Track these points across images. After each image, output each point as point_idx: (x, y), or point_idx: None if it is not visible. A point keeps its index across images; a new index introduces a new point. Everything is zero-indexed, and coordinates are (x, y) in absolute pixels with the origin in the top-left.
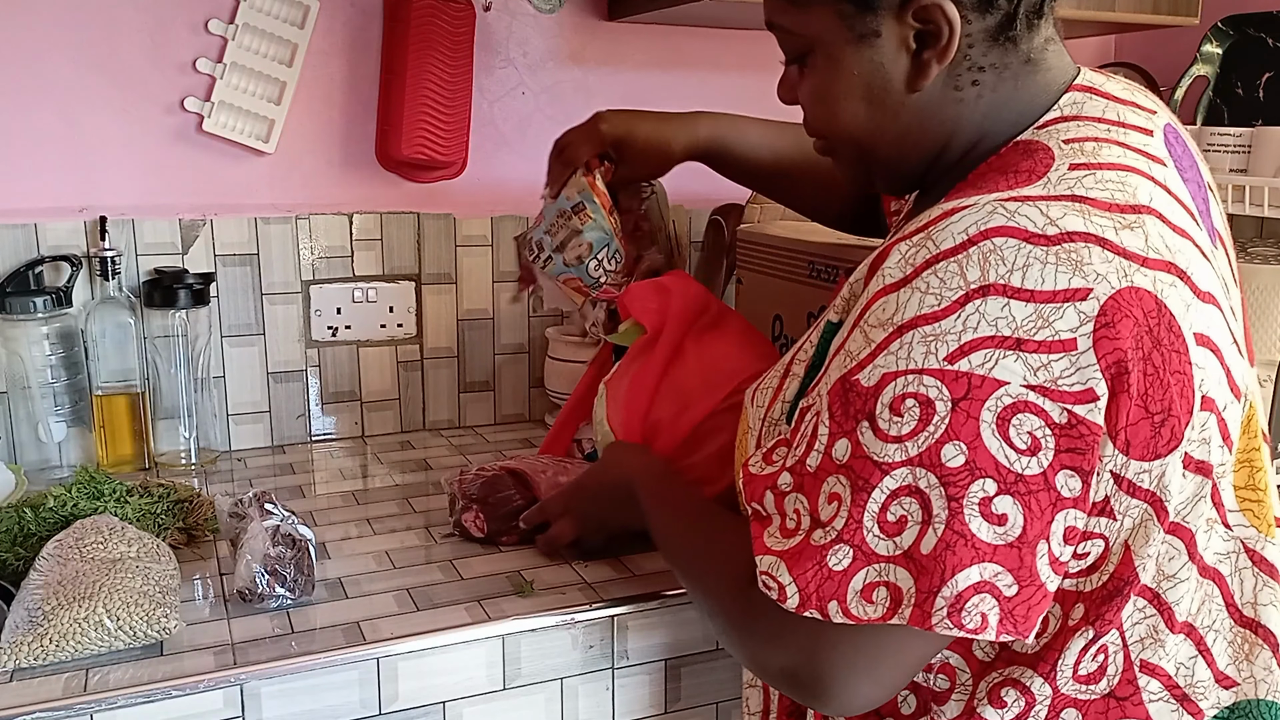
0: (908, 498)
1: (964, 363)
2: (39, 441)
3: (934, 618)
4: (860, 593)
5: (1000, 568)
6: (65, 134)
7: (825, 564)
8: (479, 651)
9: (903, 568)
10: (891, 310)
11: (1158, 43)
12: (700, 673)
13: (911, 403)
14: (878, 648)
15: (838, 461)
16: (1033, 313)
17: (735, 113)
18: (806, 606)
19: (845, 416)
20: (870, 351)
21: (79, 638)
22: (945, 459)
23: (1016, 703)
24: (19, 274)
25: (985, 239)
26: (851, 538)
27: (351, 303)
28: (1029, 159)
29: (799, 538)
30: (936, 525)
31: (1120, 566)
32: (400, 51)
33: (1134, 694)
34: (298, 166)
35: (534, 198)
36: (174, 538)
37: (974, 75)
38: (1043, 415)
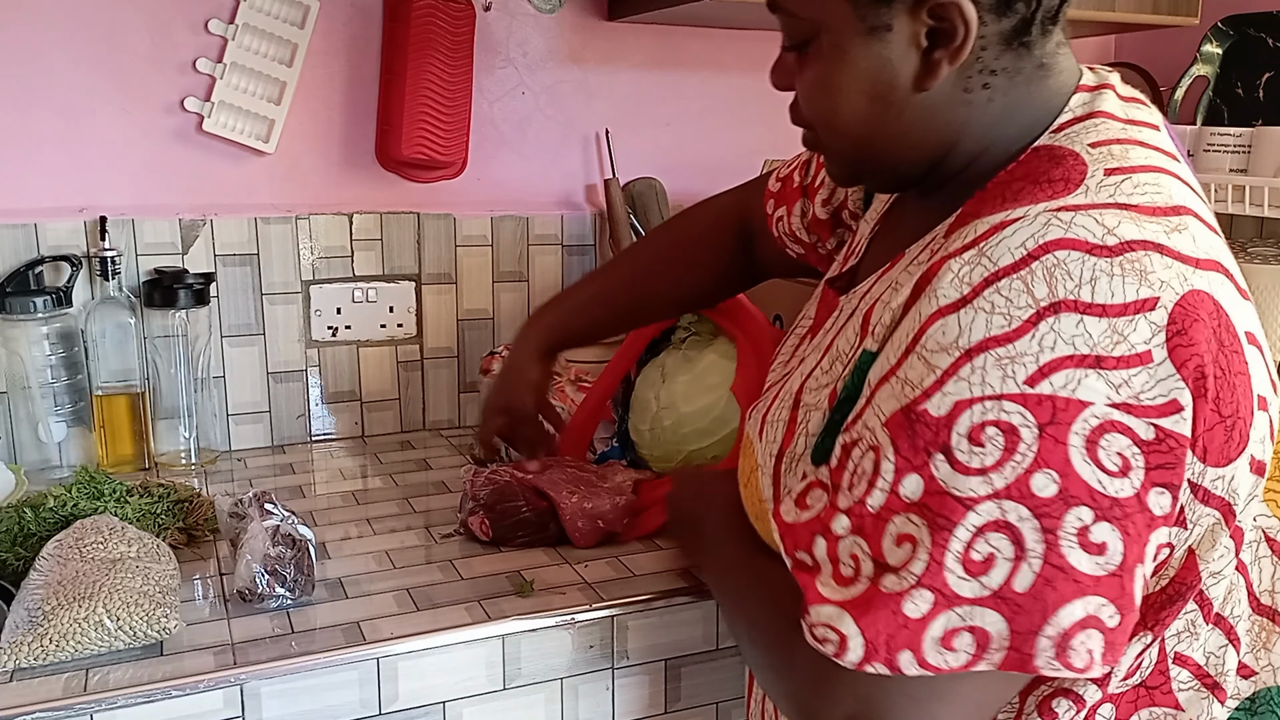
0: (996, 534)
1: (1045, 385)
2: (39, 441)
3: (1038, 659)
4: (939, 640)
5: (1103, 599)
6: (65, 134)
7: (900, 612)
8: (479, 651)
9: (992, 610)
10: (955, 333)
11: (1158, 43)
12: (700, 673)
13: (993, 431)
14: (950, 694)
15: (907, 500)
16: (1107, 328)
17: (558, 293)
18: (871, 660)
19: (913, 450)
20: (937, 379)
21: (79, 638)
22: (1036, 489)
23: (1068, 712)
24: (19, 274)
25: (1046, 253)
26: (931, 581)
27: (351, 303)
28: (1059, 166)
29: (861, 585)
30: (1032, 560)
31: (1182, 572)
32: (400, 51)
33: (1164, 683)
34: (298, 166)
35: (534, 197)
36: (174, 538)
37: (985, 79)
38: (1129, 434)
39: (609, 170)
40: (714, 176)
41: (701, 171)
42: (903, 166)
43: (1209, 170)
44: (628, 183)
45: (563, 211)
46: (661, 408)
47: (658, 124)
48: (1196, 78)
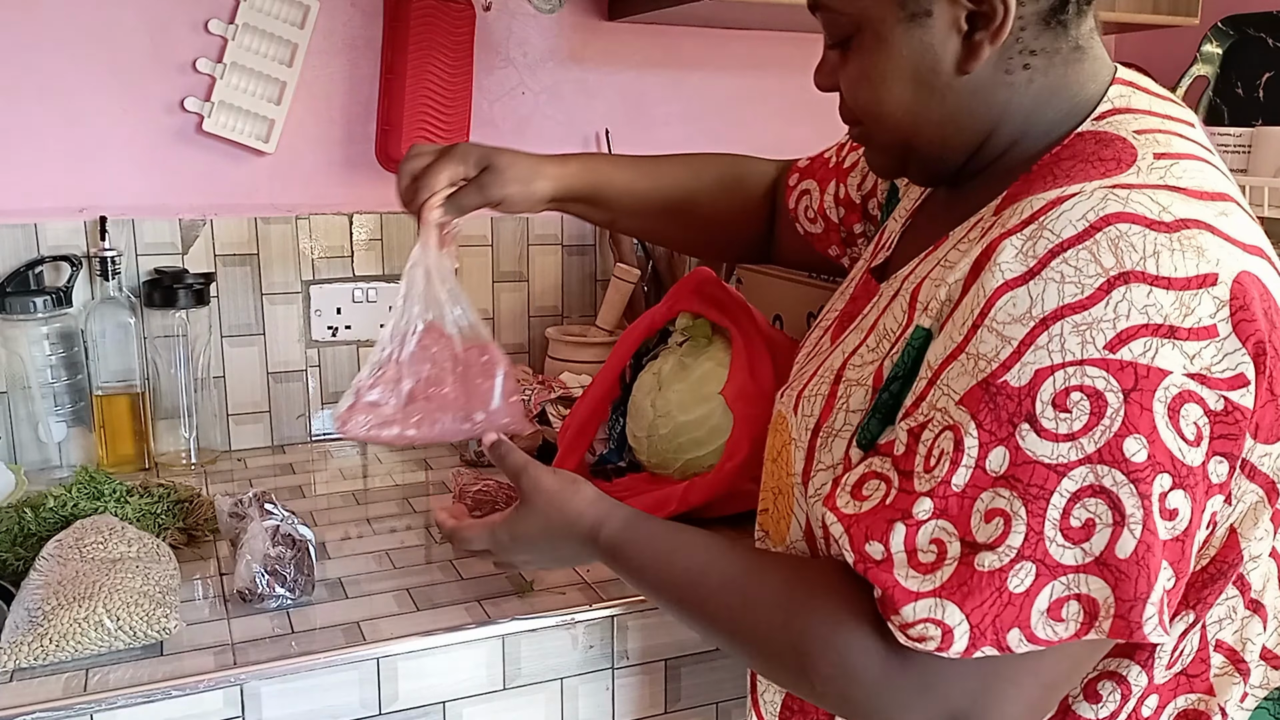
0: (1093, 499)
1: (1125, 351)
2: (39, 441)
3: (1146, 626)
4: (1046, 612)
5: (1168, 563)
6: (65, 134)
7: (1005, 589)
8: (479, 651)
9: (1096, 576)
10: (1027, 303)
11: (1158, 43)
12: (700, 673)
13: (1079, 396)
14: (1055, 667)
15: (994, 474)
16: (1175, 300)
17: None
18: (979, 645)
19: (997, 423)
20: (1014, 350)
21: (79, 638)
22: (1129, 453)
23: (1113, 696)
24: (19, 274)
25: (1108, 224)
26: (1033, 552)
27: (351, 303)
28: (1108, 148)
29: (949, 567)
30: (1133, 525)
31: (1224, 550)
32: (400, 51)
33: (1204, 671)
34: (298, 166)
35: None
36: (174, 538)
37: (1025, 59)
38: (1201, 404)
39: None
40: None
41: None
42: (947, 153)
43: None
44: None
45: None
46: (658, 415)
47: (658, 124)
48: (1196, 78)
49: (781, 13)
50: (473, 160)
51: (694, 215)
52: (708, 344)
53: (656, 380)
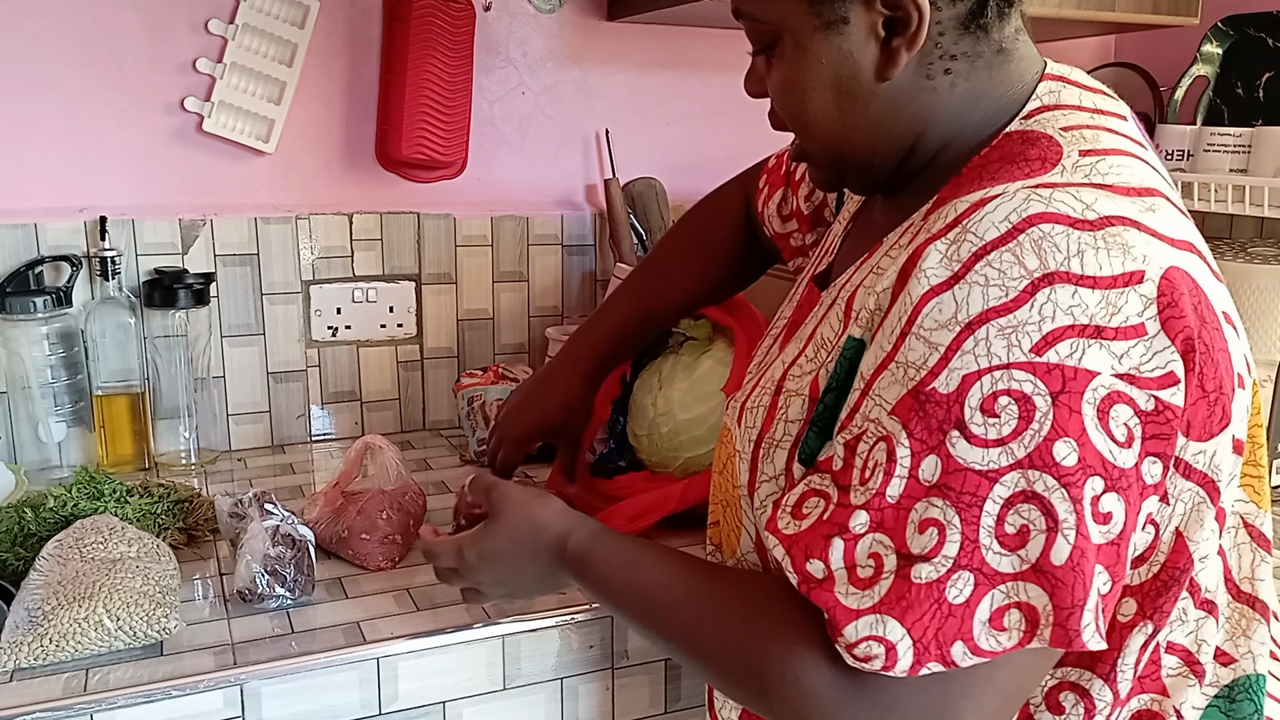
0: (1025, 504)
1: (1051, 354)
2: (39, 441)
3: (1084, 634)
4: (988, 623)
5: (1103, 567)
6: (65, 134)
7: (944, 600)
8: (479, 651)
9: (1034, 583)
10: (952, 309)
11: (1158, 43)
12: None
13: (1006, 400)
14: (1009, 678)
15: (927, 483)
16: (1101, 299)
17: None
18: (924, 661)
19: (927, 431)
20: (940, 356)
21: (79, 638)
22: (1059, 457)
23: (1076, 708)
24: (19, 274)
25: (1031, 225)
26: (969, 561)
27: (351, 303)
28: (1034, 147)
29: (886, 581)
30: (1066, 531)
31: (1173, 556)
32: (400, 51)
33: (1154, 671)
34: (298, 166)
35: (534, 197)
36: (174, 538)
37: (946, 64)
38: (1131, 404)
39: (609, 170)
40: (714, 176)
41: (701, 171)
42: (877, 159)
43: (1209, 170)
44: (628, 183)
45: (563, 211)
46: (659, 414)
47: (658, 124)
48: (1196, 78)
49: None
50: (525, 447)
51: (694, 299)
52: (709, 343)
53: (657, 379)
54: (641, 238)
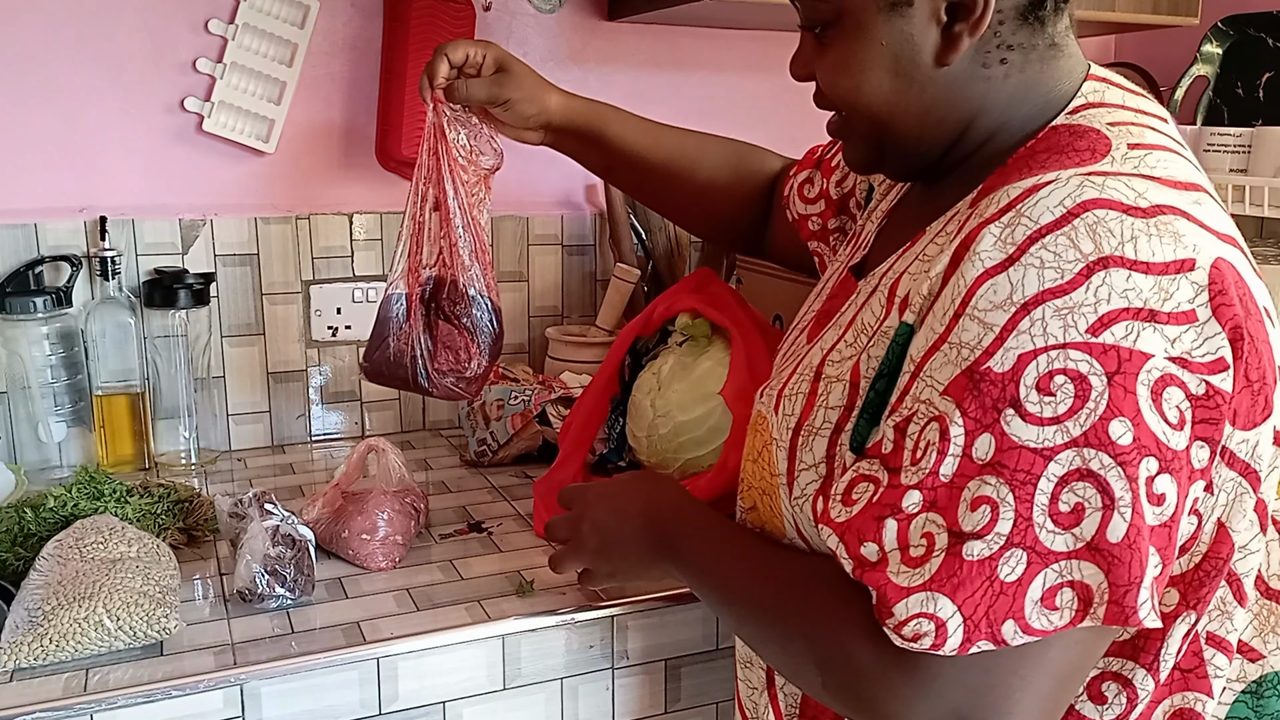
0: (1081, 483)
1: (1107, 335)
2: (39, 441)
3: (1141, 611)
4: (1040, 601)
5: (1155, 549)
6: (65, 134)
7: (995, 578)
8: (479, 651)
9: (1089, 561)
10: (1008, 290)
11: (1158, 43)
12: (700, 673)
13: (1062, 379)
14: (1062, 657)
15: (980, 461)
16: (1154, 285)
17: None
18: (974, 639)
19: (982, 410)
20: (996, 336)
21: (79, 638)
22: (1114, 436)
23: (1119, 698)
24: (19, 274)
25: (1085, 210)
26: (1023, 539)
27: (351, 303)
28: (1082, 139)
29: (938, 559)
30: (1122, 509)
31: (1215, 545)
32: (400, 51)
33: (1199, 666)
34: (298, 166)
35: (534, 197)
36: (174, 538)
37: (1002, 54)
38: (1183, 387)
39: None
40: None
41: None
42: (924, 145)
43: (1209, 170)
44: None
45: (563, 211)
46: (658, 415)
47: None
48: (1196, 78)
49: (781, 13)
50: (491, 55)
51: (690, 183)
52: (707, 344)
53: (656, 380)
54: (641, 238)
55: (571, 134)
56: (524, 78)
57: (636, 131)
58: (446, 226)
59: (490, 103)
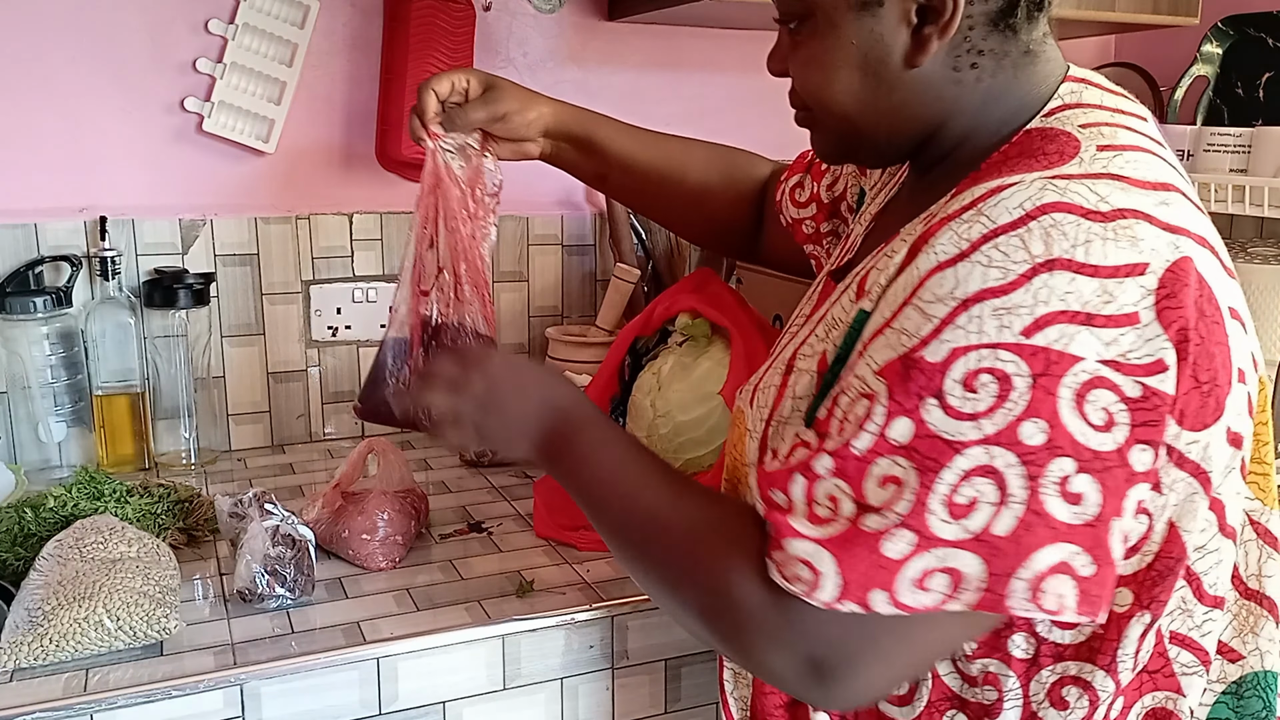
0: (981, 478)
1: (1040, 337)
2: (39, 441)
3: (1010, 600)
4: (914, 580)
5: (1077, 547)
6: (65, 134)
7: (879, 551)
8: (479, 651)
9: (970, 551)
10: (951, 285)
11: (1158, 43)
12: (700, 673)
13: (987, 378)
14: (913, 634)
15: (895, 442)
16: (1098, 288)
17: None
18: (844, 598)
19: (906, 395)
20: (934, 327)
21: (79, 638)
22: (1024, 437)
23: (1080, 702)
24: (19, 274)
25: (1043, 214)
26: (914, 522)
27: (351, 303)
28: (1053, 143)
29: (840, 525)
30: (1014, 505)
31: (1167, 545)
32: (400, 51)
33: (1165, 666)
34: (298, 166)
35: (534, 197)
36: (174, 538)
37: (973, 59)
38: (1116, 390)
39: None
40: None
41: None
42: (892, 142)
43: (1209, 170)
44: None
45: (563, 211)
46: (658, 415)
47: (658, 124)
48: (1196, 78)
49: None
50: (476, 78)
51: (681, 188)
52: (707, 344)
53: (656, 380)
54: (641, 238)
55: (567, 139)
56: (513, 90)
57: (627, 137)
58: (451, 267)
59: (489, 121)
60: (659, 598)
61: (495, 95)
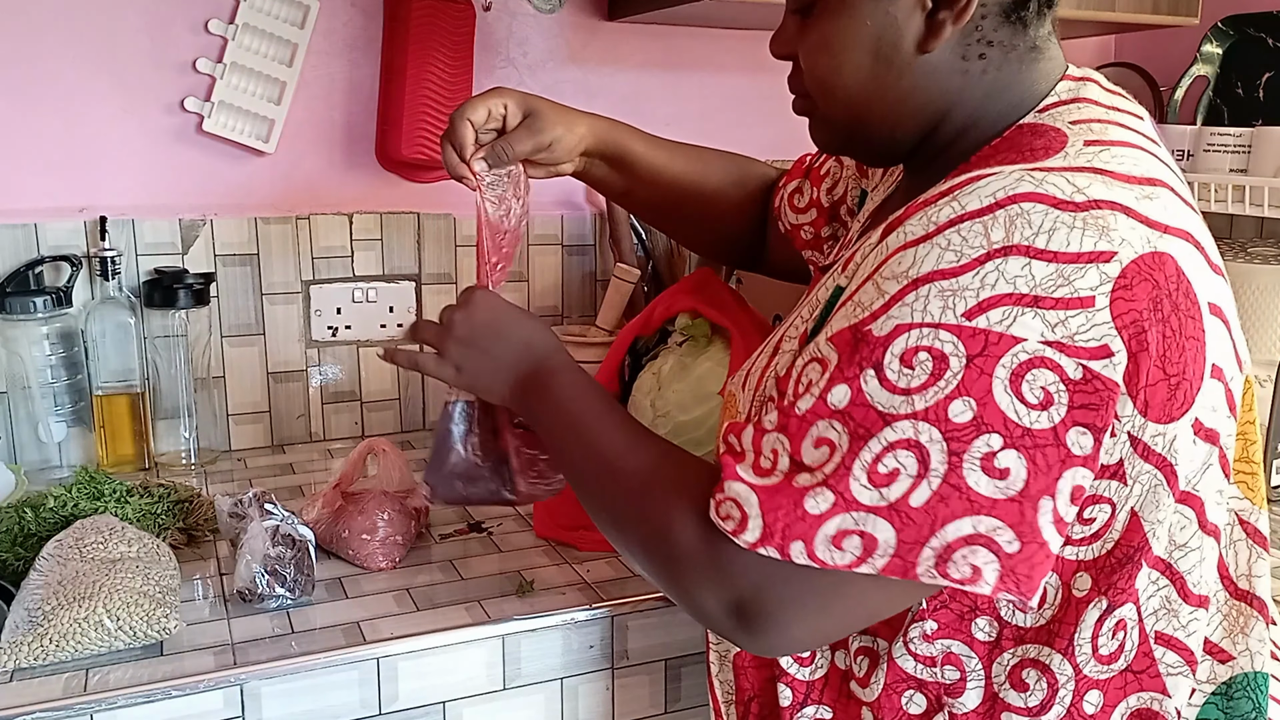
0: (905, 451)
1: (982, 319)
2: (39, 441)
3: (919, 567)
4: (831, 538)
5: (999, 522)
6: (65, 134)
7: (801, 505)
8: (479, 651)
9: (884, 519)
10: (908, 264)
11: (1158, 43)
12: (700, 673)
13: (924, 356)
14: (832, 592)
15: (833, 407)
16: (1053, 272)
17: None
18: (766, 543)
19: (849, 363)
20: (884, 303)
21: (79, 638)
22: (952, 415)
23: (1039, 684)
24: (19, 274)
25: (1013, 203)
26: (836, 484)
27: (351, 303)
28: (1041, 138)
29: (776, 477)
30: (932, 479)
31: (1127, 534)
32: (400, 51)
33: (1150, 666)
34: (298, 166)
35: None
36: (174, 538)
37: (981, 49)
38: (1058, 370)
39: None
40: None
41: None
42: (896, 133)
43: (1209, 170)
44: None
45: (563, 211)
46: (658, 415)
47: (658, 124)
48: (1196, 78)
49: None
50: (512, 102)
51: (700, 197)
52: (707, 344)
53: (656, 380)
54: (641, 238)
55: (602, 156)
56: (552, 112)
57: (654, 149)
58: None
59: (534, 151)
60: (611, 535)
61: (538, 123)
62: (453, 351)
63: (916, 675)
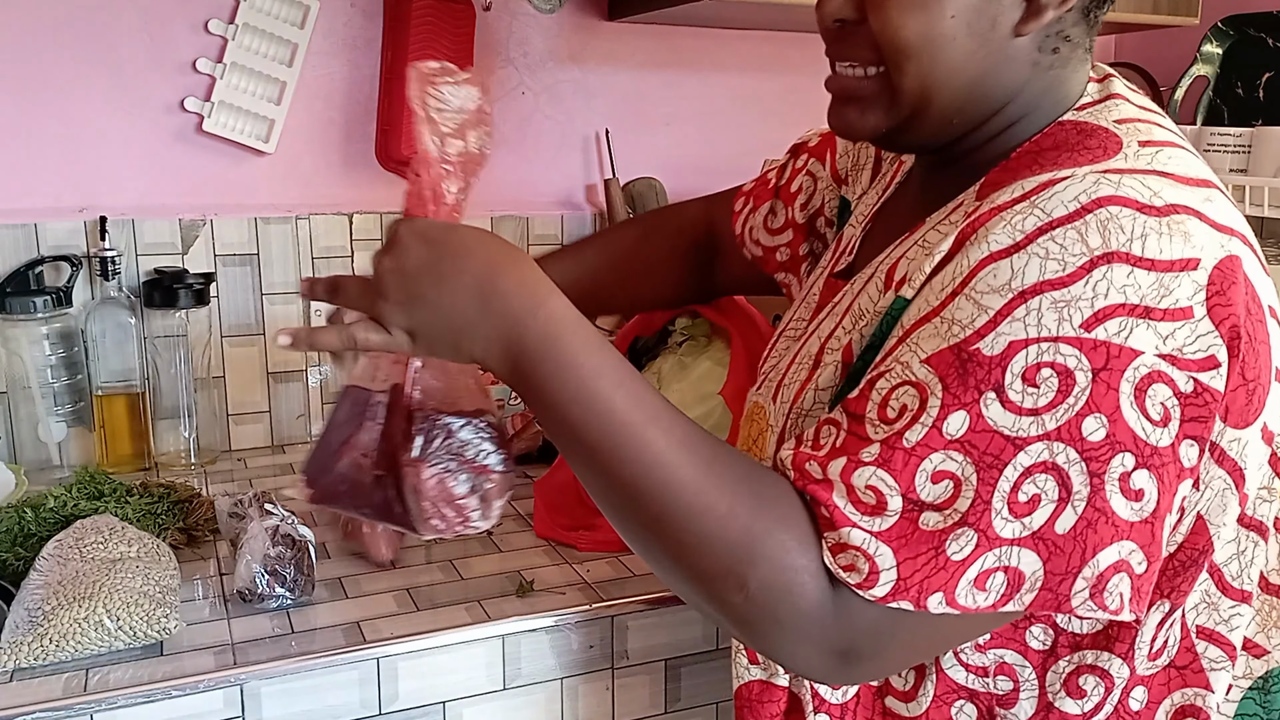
0: (1043, 475)
1: (1100, 331)
2: (39, 441)
3: (1074, 600)
4: (973, 582)
5: (1134, 545)
6: (65, 134)
7: (943, 552)
8: (479, 651)
9: (1030, 550)
10: (1008, 276)
11: (1158, 43)
12: (700, 673)
13: (1049, 372)
14: (949, 629)
15: (949, 437)
16: (1155, 281)
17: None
18: (898, 597)
19: (963, 388)
20: (989, 319)
21: (79, 638)
22: (1086, 432)
23: (1096, 690)
24: (19, 274)
25: (1099, 207)
26: (978, 521)
27: None
28: (1092, 137)
29: (890, 518)
30: (1076, 503)
31: (1192, 536)
32: (400, 51)
33: (1193, 661)
34: (298, 166)
35: (534, 197)
36: (174, 538)
37: (1056, 43)
38: (1171, 385)
39: (609, 170)
40: (714, 176)
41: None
42: (955, 118)
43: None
44: (627, 183)
45: (563, 211)
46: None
47: (658, 124)
48: (1196, 78)
49: (781, 13)
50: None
51: (621, 274)
52: (707, 344)
53: (656, 380)
54: None
55: None
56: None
57: (568, 261)
58: None
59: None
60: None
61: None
62: (391, 314)
63: (968, 686)
